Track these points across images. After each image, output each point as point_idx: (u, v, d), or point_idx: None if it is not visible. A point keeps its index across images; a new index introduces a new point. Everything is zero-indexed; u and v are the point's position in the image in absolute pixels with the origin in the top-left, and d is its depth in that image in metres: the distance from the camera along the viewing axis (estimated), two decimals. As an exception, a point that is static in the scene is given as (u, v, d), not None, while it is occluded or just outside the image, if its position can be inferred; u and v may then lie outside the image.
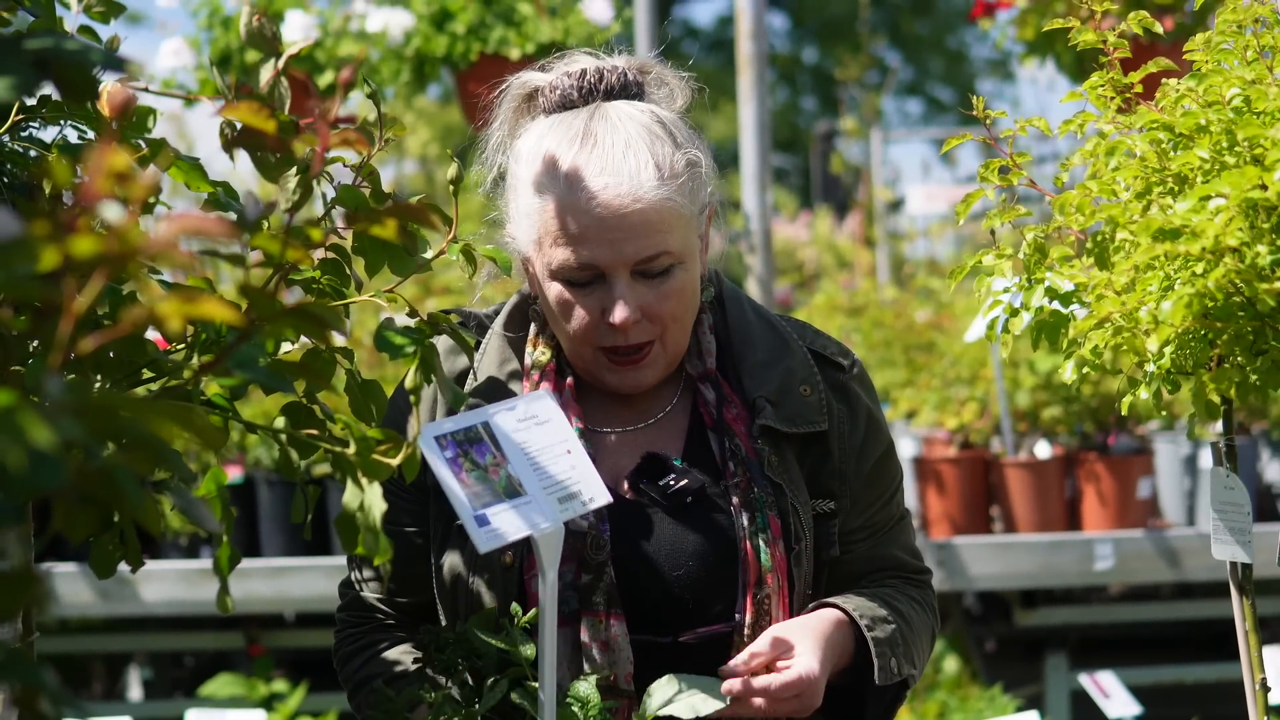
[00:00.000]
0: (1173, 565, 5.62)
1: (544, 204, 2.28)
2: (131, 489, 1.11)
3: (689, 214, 2.30)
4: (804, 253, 14.40)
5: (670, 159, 2.28)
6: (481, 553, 1.92)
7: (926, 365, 6.43)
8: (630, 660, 2.25)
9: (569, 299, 2.28)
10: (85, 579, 5.39)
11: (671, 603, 2.30)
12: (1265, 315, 1.84)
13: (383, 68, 5.76)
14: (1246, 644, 2.16)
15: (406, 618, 2.44)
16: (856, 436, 2.42)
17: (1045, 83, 7.98)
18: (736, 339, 2.43)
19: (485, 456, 1.99)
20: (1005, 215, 2.15)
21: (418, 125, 13.32)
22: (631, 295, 2.25)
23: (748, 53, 5.77)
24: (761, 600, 2.28)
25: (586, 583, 2.26)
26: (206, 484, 1.76)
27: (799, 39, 32.31)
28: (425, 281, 6.44)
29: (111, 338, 1.17)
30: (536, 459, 2.04)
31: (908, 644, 2.37)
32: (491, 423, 2.03)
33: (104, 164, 1.01)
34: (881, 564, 2.47)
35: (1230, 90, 1.92)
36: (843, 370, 2.44)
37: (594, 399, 2.43)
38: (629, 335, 2.28)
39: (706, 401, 2.39)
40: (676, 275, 2.28)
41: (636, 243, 2.24)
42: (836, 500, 2.40)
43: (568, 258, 2.25)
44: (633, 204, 2.23)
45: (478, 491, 1.95)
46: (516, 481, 2.00)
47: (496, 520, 1.94)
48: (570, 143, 2.28)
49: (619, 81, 2.38)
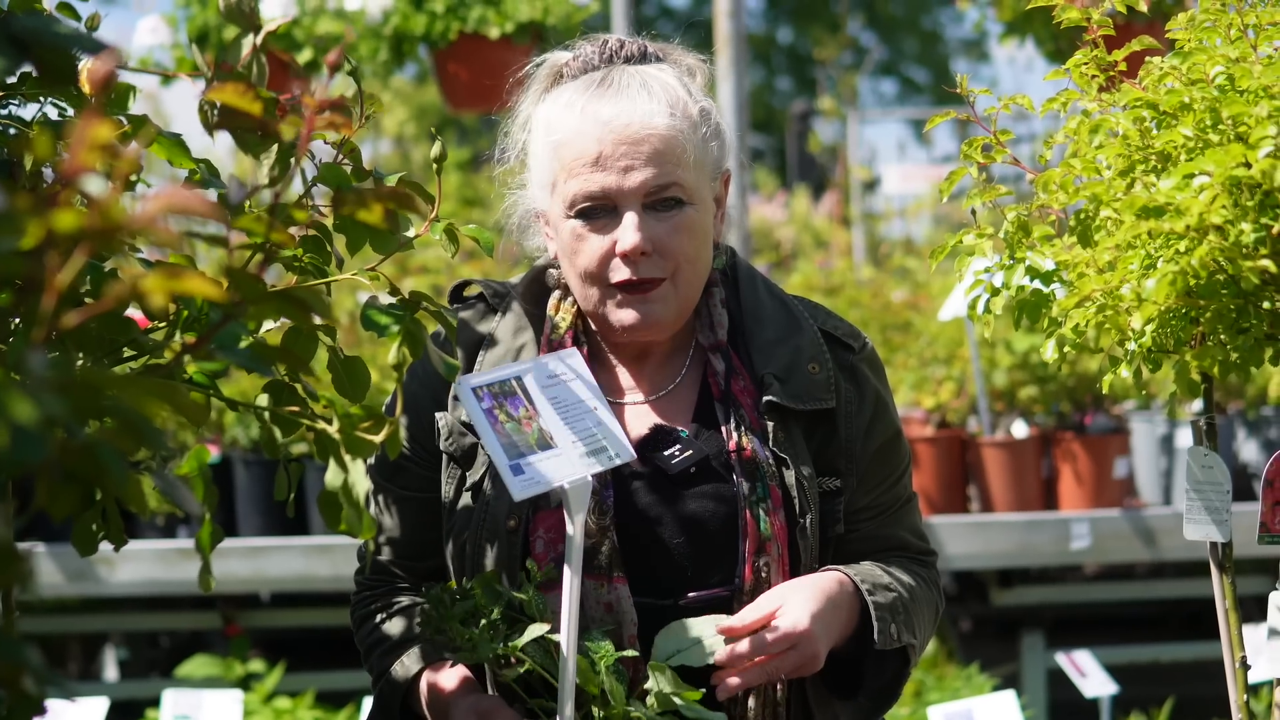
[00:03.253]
0: (1149, 544, 5.64)
1: (559, 140, 2.32)
2: (115, 466, 1.10)
3: (700, 158, 2.34)
4: (781, 232, 14.39)
5: (683, 103, 2.34)
6: (516, 500, 2.05)
7: (903, 345, 6.43)
8: (634, 622, 2.27)
9: (582, 233, 2.31)
10: (59, 559, 5.37)
11: (672, 568, 2.32)
12: (1248, 293, 1.84)
13: (361, 46, 5.75)
14: (1226, 622, 2.16)
15: (422, 580, 2.46)
16: (864, 416, 2.43)
17: (1024, 62, 7.99)
18: (748, 316, 2.45)
19: (519, 409, 2.10)
20: (985, 195, 2.15)
21: (394, 105, 13.30)
22: (642, 224, 2.28)
23: (726, 31, 5.76)
24: (761, 568, 2.30)
25: (590, 546, 2.28)
26: (189, 463, 1.75)
27: (774, 19, 32.28)
28: (402, 261, 6.43)
29: (94, 313, 1.16)
30: (565, 414, 2.14)
31: (909, 613, 2.39)
32: (524, 377, 2.13)
33: (88, 137, 1.00)
34: (887, 544, 2.48)
35: (1214, 68, 1.92)
36: (852, 351, 2.46)
37: (608, 368, 2.45)
38: (639, 268, 2.30)
39: (716, 372, 2.41)
40: (687, 212, 2.31)
41: (646, 171, 2.28)
42: (842, 478, 2.41)
43: (580, 188, 2.29)
44: (643, 131, 2.28)
45: (513, 442, 2.06)
46: (548, 434, 2.11)
47: (530, 470, 2.05)
48: (587, 87, 2.34)
49: (639, 50, 2.42)
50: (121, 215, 1.04)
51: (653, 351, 2.45)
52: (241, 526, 5.59)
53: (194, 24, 5.80)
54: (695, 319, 2.44)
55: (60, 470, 1.10)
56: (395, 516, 2.44)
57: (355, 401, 1.85)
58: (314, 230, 1.86)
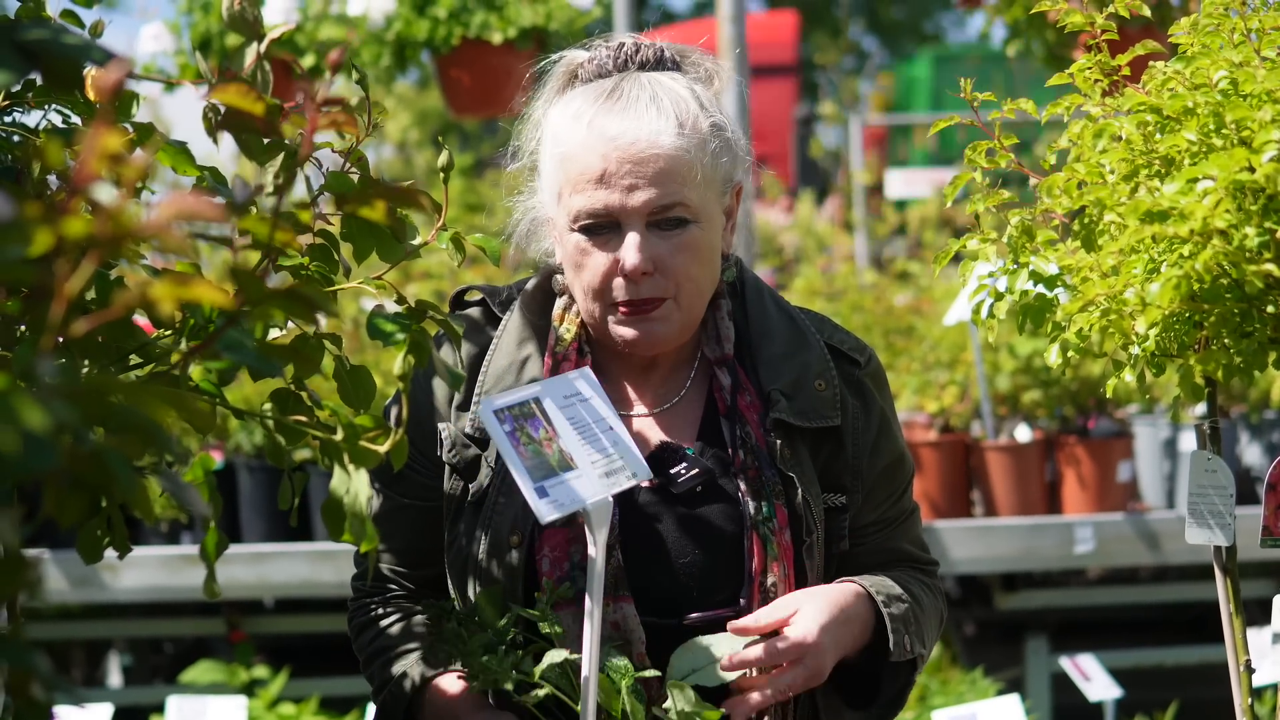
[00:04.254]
0: (1152, 548, 5.64)
1: (566, 153, 2.30)
2: (123, 472, 1.11)
3: (709, 175, 2.31)
4: (784, 237, 14.39)
5: (694, 118, 2.30)
6: (544, 523, 2.05)
7: (906, 349, 6.43)
8: (642, 640, 2.26)
9: (586, 248, 2.29)
10: (64, 565, 5.37)
11: (678, 588, 2.31)
12: (1252, 297, 1.84)
13: (363, 52, 5.75)
14: (1230, 626, 2.16)
15: (421, 589, 2.45)
16: (870, 433, 2.42)
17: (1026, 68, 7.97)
18: (755, 330, 2.43)
19: (539, 431, 2.11)
20: (989, 200, 2.15)
21: (397, 110, 13.31)
22: (645, 244, 2.26)
23: (728, 36, 5.76)
24: (768, 588, 2.29)
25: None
26: (194, 469, 1.75)
27: (777, 24, 32.26)
28: (406, 267, 6.43)
29: (103, 320, 1.16)
30: (583, 434, 2.15)
31: (919, 623, 2.39)
32: (543, 398, 2.14)
33: (98, 145, 1.01)
34: (891, 557, 2.48)
35: (1218, 73, 1.92)
36: (858, 366, 2.44)
37: (613, 380, 2.43)
38: (640, 287, 2.28)
39: (722, 387, 2.39)
40: (691, 231, 2.29)
41: (650, 191, 2.25)
42: (848, 495, 2.40)
43: (584, 204, 2.27)
44: (649, 150, 2.25)
45: (535, 464, 2.07)
46: (568, 455, 2.11)
47: (555, 491, 2.05)
48: (597, 99, 2.31)
49: (655, 55, 2.39)
50: (131, 222, 1.04)
51: (658, 365, 2.43)
52: (246, 532, 5.59)
53: (196, 31, 5.81)
54: (701, 331, 2.42)
55: (69, 476, 1.11)
56: (394, 524, 2.42)
57: (361, 410, 1.86)
58: (320, 238, 1.86)
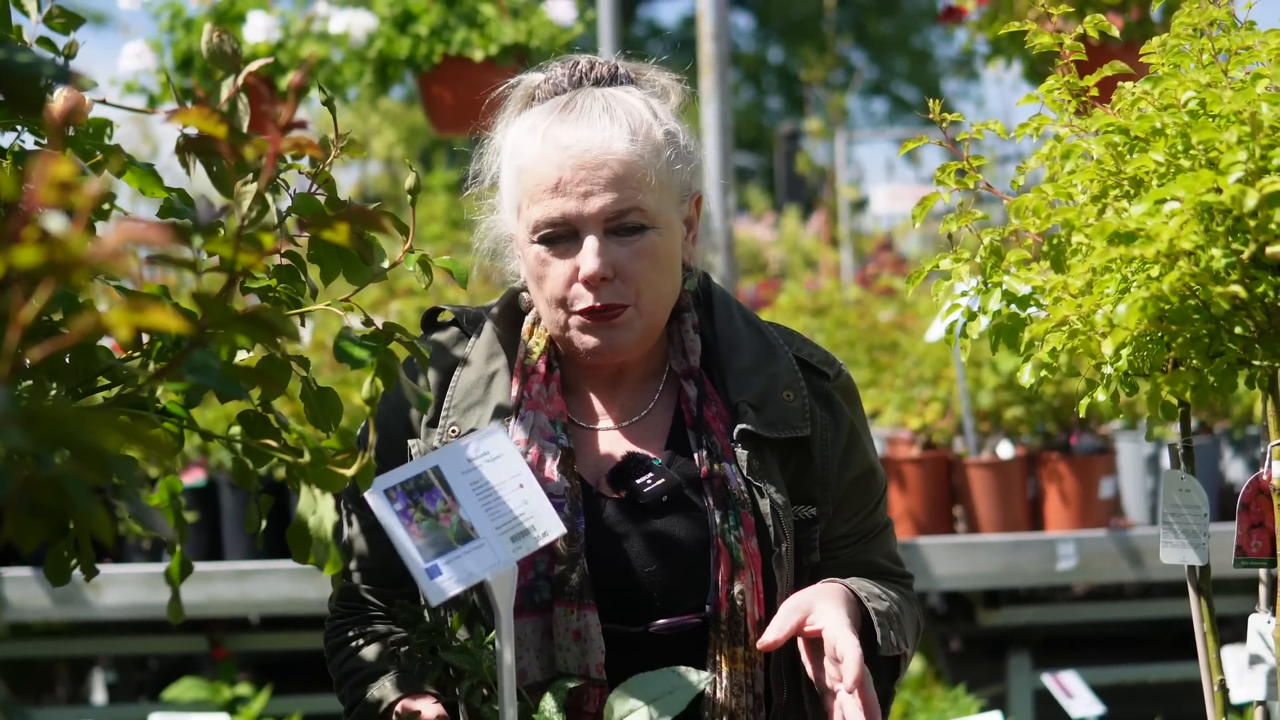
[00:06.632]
0: (1135, 565, 5.64)
1: (522, 166, 2.32)
2: (81, 498, 1.10)
3: (665, 181, 2.32)
4: (770, 253, 14.41)
5: (648, 125, 2.33)
6: (433, 605, 2.00)
7: (890, 365, 6.43)
8: (602, 650, 2.26)
9: (546, 259, 2.31)
10: (45, 583, 5.36)
11: (643, 597, 2.32)
12: (1220, 318, 1.84)
13: (346, 69, 5.74)
14: (1205, 646, 2.16)
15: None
16: (839, 445, 2.43)
17: (1010, 83, 8.01)
18: (723, 343, 2.44)
19: (436, 503, 2.03)
20: (963, 219, 2.15)
21: (382, 126, 13.30)
22: (603, 250, 2.28)
23: (710, 53, 5.77)
24: (735, 596, 2.30)
25: (559, 573, 2.28)
26: (160, 493, 1.74)
27: (764, 38, 32.35)
28: (390, 284, 6.42)
29: (60, 347, 1.16)
30: (489, 498, 2.08)
31: (900, 623, 2.39)
32: (441, 466, 2.06)
33: (48, 173, 1.01)
34: (865, 570, 2.48)
35: (1186, 93, 1.93)
36: (827, 378, 2.45)
37: (581, 394, 2.45)
38: (600, 294, 2.29)
39: (689, 398, 2.41)
40: (649, 237, 2.30)
41: (606, 196, 2.27)
42: (818, 506, 2.41)
43: (541, 214, 2.29)
44: (603, 156, 2.27)
45: (429, 541, 1.99)
46: (468, 525, 2.04)
47: (448, 569, 1.98)
48: (551, 111, 2.34)
49: (609, 72, 2.42)
50: (83, 250, 1.04)
51: (626, 377, 2.45)
52: (228, 550, 5.59)
53: (178, 49, 5.80)
54: (669, 344, 2.44)
55: (27, 502, 1.10)
56: (368, 543, 2.42)
57: (328, 432, 1.85)
58: (288, 260, 1.86)
